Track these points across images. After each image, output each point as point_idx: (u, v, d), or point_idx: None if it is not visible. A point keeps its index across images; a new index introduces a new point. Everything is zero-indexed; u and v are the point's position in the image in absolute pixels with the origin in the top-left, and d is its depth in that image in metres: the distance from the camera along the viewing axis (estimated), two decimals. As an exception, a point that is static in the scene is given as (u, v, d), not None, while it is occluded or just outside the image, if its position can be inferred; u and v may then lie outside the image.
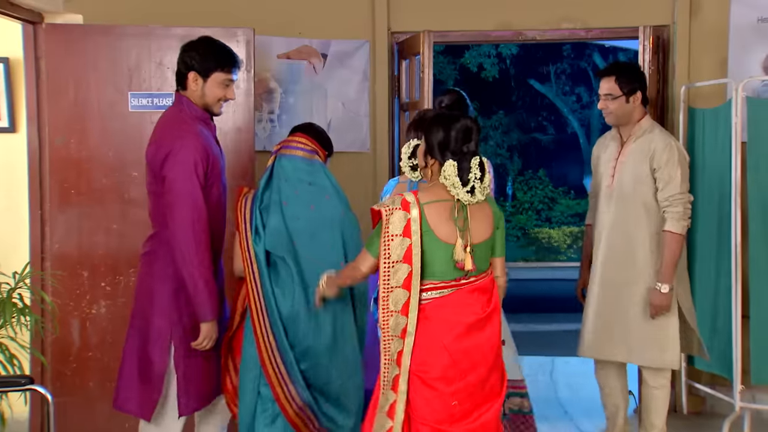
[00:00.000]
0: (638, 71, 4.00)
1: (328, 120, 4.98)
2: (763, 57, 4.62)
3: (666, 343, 3.88)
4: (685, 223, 3.80)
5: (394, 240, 2.69)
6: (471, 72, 14.44)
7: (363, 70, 4.99)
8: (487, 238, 2.80)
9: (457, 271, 2.72)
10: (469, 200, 2.73)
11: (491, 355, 2.75)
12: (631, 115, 3.93)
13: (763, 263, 4.18)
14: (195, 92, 3.29)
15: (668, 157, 3.81)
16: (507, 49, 14.02)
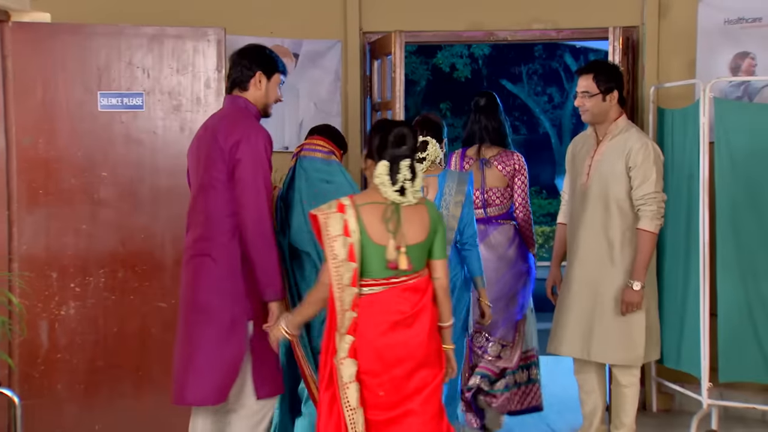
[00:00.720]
0: (616, 71, 4.05)
1: (299, 120, 4.99)
2: (729, 58, 4.69)
3: (633, 341, 3.94)
4: (659, 222, 3.86)
5: (337, 240, 2.82)
6: (443, 72, 14.51)
7: (335, 70, 5.00)
8: (422, 240, 2.91)
9: (388, 270, 2.85)
10: (399, 200, 2.87)
11: (419, 351, 2.88)
12: (607, 113, 3.98)
13: (730, 262, 4.25)
14: (258, 93, 3.40)
15: (644, 156, 3.86)
16: (479, 50, 14.11)
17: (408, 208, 2.89)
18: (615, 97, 3.95)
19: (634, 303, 3.86)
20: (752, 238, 4.22)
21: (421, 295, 2.91)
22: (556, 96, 15.35)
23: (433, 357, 2.94)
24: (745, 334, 4.25)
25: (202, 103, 4.43)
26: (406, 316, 2.88)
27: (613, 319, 3.93)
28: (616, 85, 3.96)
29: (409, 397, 2.89)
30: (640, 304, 3.88)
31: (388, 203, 2.87)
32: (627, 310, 3.88)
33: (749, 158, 4.21)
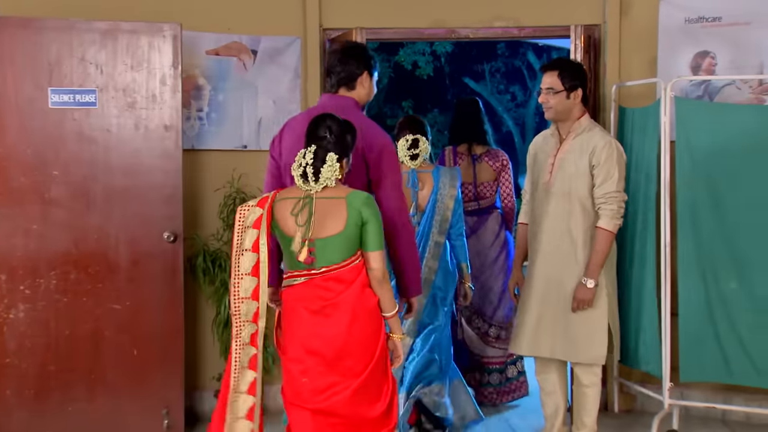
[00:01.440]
0: (581, 69, 4.09)
1: (258, 118, 4.96)
2: (690, 57, 4.75)
3: (595, 339, 3.97)
4: (618, 222, 3.90)
5: (246, 232, 3.01)
6: (405, 70, 14.51)
7: (294, 67, 4.97)
8: (338, 232, 3.00)
9: (300, 263, 3.01)
10: (302, 186, 3.01)
11: (337, 340, 3.00)
12: (570, 111, 4.01)
13: (691, 262, 4.31)
14: (363, 91, 3.45)
15: (608, 154, 3.90)
16: (442, 47, 14.13)
17: (323, 202, 3.00)
18: (579, 95, 3.99)
19: (586, 300, 3.90)
20: (712, 237, 4.28)
21: (345, 286, 3.01)
22: (519, 94, 15.43)
23: (359, 347, 3.02)
24: (706, 334, 4.30)
25: (157, 101, 4.38)
26: (324, 305, 3.00)
27: (575, 318, 3.96)
28: (581, 83, 3.99)
29: (334, 386, 3.01)
30: (592, 302, 3.92)
31: (301, 197, 3.00)
32: (578, 307, 3.92)
33: (709, 157, 4.27)
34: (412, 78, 14.62)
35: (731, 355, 4.28)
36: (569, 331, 3.98)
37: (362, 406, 3.04)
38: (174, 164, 4.41)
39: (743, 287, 4.25)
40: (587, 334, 3.97)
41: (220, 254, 4.77)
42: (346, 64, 3.42)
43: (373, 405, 3.06)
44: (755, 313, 4.24)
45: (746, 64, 4.64)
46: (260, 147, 4.97)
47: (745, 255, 4.25)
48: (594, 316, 3.96)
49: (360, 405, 3.04)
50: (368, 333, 3.05)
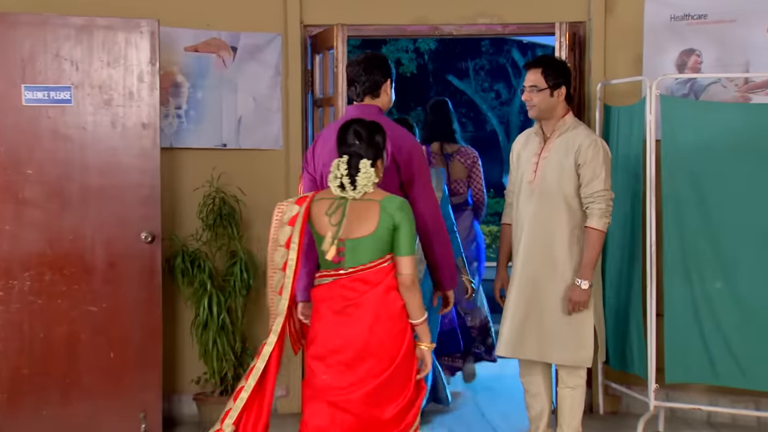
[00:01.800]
0: (565, 66, 4.09)
1: (238, 116, 4.94)
2: (676, 55, 4.77)
3: (581, 341, 3.98)
4: (607, 221, 3.90)
5: (281, 228, 3.16)
6: (388, 67, 14.50)
7: (275, 64, 4.96)
8: (368, 234, 3.09)
9: (334, 262, 3.12)
10: (341, 194, 3.11)
11: (357, 341, 3.08)
12: (554, 109, 4.01)
13: (677, 262, 4.33)
14: (386, 98, 3.63)
15: (594, 153, 3.90)
16: (425, 44, 14.10)
17: (357, 204, 3.10)
18: (563, 93, 3.99)
19: (581, 302, 3.90)
20: (698, 236, 4.30)
21: (370, 287, 3.09)
22: (504, 92, 15.44)
23: (379, 349, 3.09)
24: (691, 335, 4.33)
25: (134, 98, 4.36)
26: (347, 305, 3.10)
27: (561, 320, 3.97)
28: (564, 80, 3.99)
29: (353, 386, 3.08)
30: (587, 304, 3.92)
31: (336, 198, 3.11)
32: (574, 309, 3.92)
33: (695, 156, 4.29)
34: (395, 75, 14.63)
35: (717, 356, 4.30)
36: (554, 334, 3.98)
37: (376, 408, 3.10)
38: (152, 163, 4.39)
39: (728, 287, 4.28)
40: (573, 337, 3.97)
41: (199, 255, 4.75)
42: (371, 74, 3.58)
43: (387, 407, 3.10)
44: (740, 313, 4.27)
45: (732, 62, 4.67)
46: (240, 145, 4.96)
47: (731, 254, 4.27)
48: (580, 317, 3.96)
49: (374, 406, 3.09)
50: (390, 336, 3.11)
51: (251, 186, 4.90)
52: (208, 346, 4.69)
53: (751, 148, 4.22)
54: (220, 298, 4.69)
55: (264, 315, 4.91)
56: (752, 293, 4.24)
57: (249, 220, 4.91)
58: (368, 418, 3.10)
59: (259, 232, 4.92)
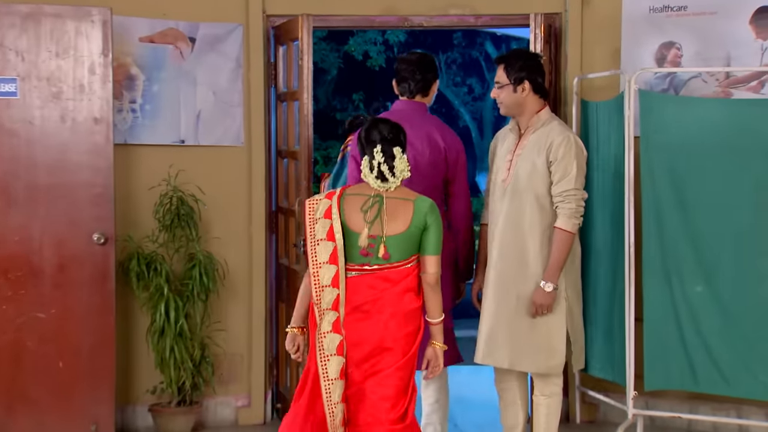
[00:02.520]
0: (529, 60, 4.07)
1: (197, 111, 4.91)
2: (655, 48, 4.80)
3: (552, 348, 3.98)
4: (577, 221, 3.91)
5: (318, 222, 3.33)
6: (356, 60, 14.44)
7: (236, 56, 4.93)
8: (400, 232, 3.32)
9: (362, 257, 3.32)
10: (381, 187, 3.31)
11: (373, 337, 3.30)
12: (522, 105, 4.02)
13: (657, 264, 4.34)
14: (431, 97, 4.21)
15: (565, 150, 3.91)
16: (394, 36, 14.08)
17: (392, 201, 3.33)
18: (527, 88, 3.99)
19: (544, 305, 3.91)
20: (678, 237, 4.32)
21: (391, 285, 3.33)
22: (477, 87, 15.48)
23: (394, 345, 3.32)
24: (671, 340, 4.34)
25: (86, 91, 4.31)
26: (366, 301, 3.32)
27: (533, 325, 3.97)
28: (528, 75, 3.99)
29: (367, 378, 3.31)
30: (551, 307, 3.93)
31: (372, 195, 3.33)
32: (536, 312, 3.93)
33: (674, 153, 4.31)
34: (362, 69, 14.57)
35: (697, 362, 4.32)
36: (526, 340, 3.98)
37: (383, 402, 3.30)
38: (104, 160, 4.36)
39: (709, 290, 4.29)
40: (544, 343, 3.98)
41: (156, 257, 4.71)
42: (426, 73, 4.14)
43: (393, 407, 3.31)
44: (722, 317, 4.29)
45: (713, 55, 4.70)
46: (199, 142, 4.92)
47: (711, 256, 4.29)
48: (550, 322, 3.96)
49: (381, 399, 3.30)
50: (404, 334, 3.34)
51: (211, 185, 4.87)
52: (165, 354, 4.65)
53: (732, 146, 4.25)
54: (177, 303, 4.65)
55: (226, 321, 4.92)
56: (734, 297, 4.27)
57: (209, 221, 4.88)
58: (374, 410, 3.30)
59: (219, 232, 4.89)
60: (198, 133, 4.92)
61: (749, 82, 4.66)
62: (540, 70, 4.08)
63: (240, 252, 4.97)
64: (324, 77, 14.87)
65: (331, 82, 15.11)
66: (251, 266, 4.99)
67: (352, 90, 14.97)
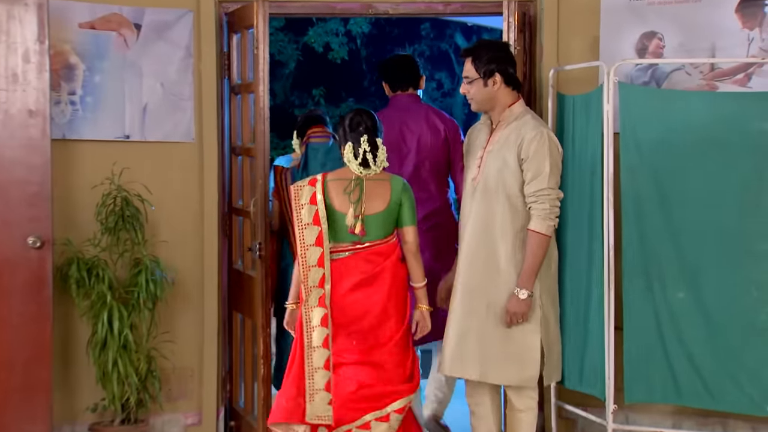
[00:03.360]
0: (498, 50, 4.10)
1: (143, 104, 4.89)
2: (636, 39, 4.83)
3: (525, 358, 4.00)
4: (551, 223, 3.93)
5: (303, 208, 4.01)
6: (316, 52, 14.41)
7: (185, 44, 4.92)
8: (380, 210, 4.04)
9: (351, 236, 4.01)
10: (362, 172, 4.01)
11: (378, 306, 4.03)
12: (493, 100, 4.04)
13: (637, 268, 4.37)
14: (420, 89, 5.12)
15: (537, 147, 3.92)
16: (358, 27, 14.09)
17: (370, 183, 4.03)
18: (498, 81, 4.02)
19: (519, 313, 3.93)
20: (660, 240, 4.35)
21: (384, 258, 4.06)
22: (446, 82, 15.51)
23: (394, 311, 4.06)
24: (653, 350, 4.37)
25: (19, 81, 4.28)
26: (367, 276, 4.03)
27: (504, 334, 3.98)
28: (498, 66, 4.02)
29: (377, 347, 4.03)
30: (526, 315, 3.94)
31: (353, 179, 4.01)
32: (511, 321, 3.95)
33: (656, 150, 4.34)
34: (323, 62, 14.54)
35: (681, 374, 4.35)
36: (497, 350, 4.00)
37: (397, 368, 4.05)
38: (41, 157, 4.32)
39: (692, 296, 4.33)
40: (517, 353, 3.99)
41: (98, 262, 4.67)
42: (414, 69, 5.13)
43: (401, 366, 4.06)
44: (706, 325, 4.32)
45: (697, 46, 4.74)
46: (145, 137, 4.90)
47: (695, 260, 4.33)
48: (524, 331, 3.98)
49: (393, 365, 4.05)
50: (401, 299, 4.10)
51: (159, 184, 4.86)
52: (108, 368, 4.61)
53: (717, 142, 4.29)
54: (121, 313, 4.62)
55: (175, 332, 4.89)
56: (718, 303, 4.30)
57: (156, 223, 4.86)
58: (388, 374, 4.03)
59: (167, 235, 4.86)
60: (144, 128, 4.89)
61: (735, 74, 4.71)
62: (510, 60, 4.10)
63: (190, 257, 4.96)
64: (281, 71, 14.83)
65: (289, 77, 15.06)
66: (203, 272, 4.97)
67: (311, 85, 14.94)
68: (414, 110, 4.97)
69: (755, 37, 4.69)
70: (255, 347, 4.77)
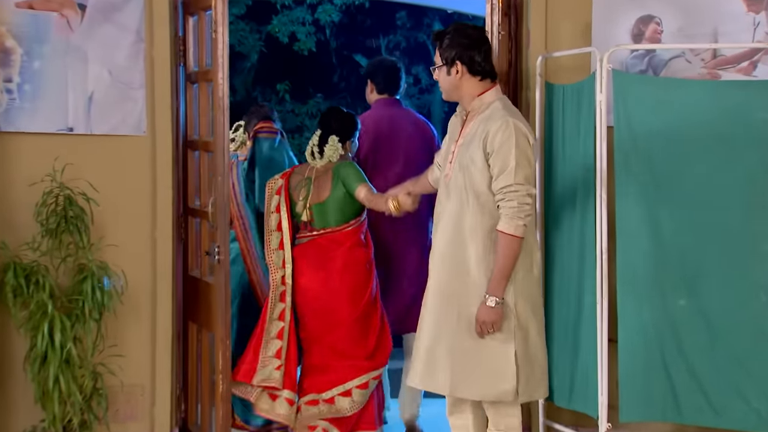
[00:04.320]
0: (464, 36, 4.08)
1: (88, 93, 4.87)
2: (631, 23, 4.86)
3: (501, 372, 3.98)
4: (521, 222, 3.90)
5: (272, 198, 4.99)
6: (280, 43, 14.40)
7: (136, 28, 4.89)
8: (326, 197, 4.89)
9: (305, 224, 4.93)
10: (313, 162, 4.97)
11: (330, 289, 4.84)
12: (460, 89, 4.08)
13: (633, 273, 4.37)
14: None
15: (503, 138, 3.92)
16: (326, 15, 14.08)
17: (319, 174, 4.95)
18: (460, 70, 4.05)
19: (488, 322, 3.92)
20: (658, 242, 4.36)
21: (338, 245, 4.88)
22: (424, 76, 15.50)
23: (348, 293, 4.85)
24: (651, 364, 4.39)
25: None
26: (321, 260, 4.84)
27: (476, 344, 3.98)
28: (460, 53, 4.04)
29: (335, 326, 4.87)
30: (498, 324, 3.93)
31: (307, 170, 4.99)
32: (481, 330, 3.95)
33: (654, 144, 4.36)
34: (289, 54, 14.53)
35: (681, 389, 4.38)
36: (468, 362, 4.00)
37: (352, 344, 4.88)
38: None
39: (694, 303, 4.35)
40: (490, 365, 3.98)
41: (38, 268, 4.63)
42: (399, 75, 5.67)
43: (360, 345, 4.89)
44: (709, 335, 4.35)
45: (698, 31, 4.78)
46: (91, 130, 4.88)
47: (696, 263, 4.36)
48: (498, 341, 3.97)
49: (351, 343, 4.87)
50: (357, 282, 4.87)
51: (106, 181, 4.83)
52: (48, 386, 4.57)
53: (720, 135, 4.31)
54: (64, 324, 4.57)
55: (124, 345, 4.85)
56: (723, 310, 4.33)
57: (103, 224, 4.82)
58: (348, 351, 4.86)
59: (116, 238, 4.82)
60: (90, 120, 4.86)
61: (739, 62, 4.74)
62: (477, 46, 4.08)
63: (142, 262, 4.93)
64: (242, 64, 14.79)
65: (251, 70, 15.04)
66: (155, 279, 4.95)
67: (276, 79, 14.92)
68: (402, 114, 5.62)
69: (761, 21, 4.72)
70: (213, 362, 4.73)
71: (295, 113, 14.68)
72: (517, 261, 3.95)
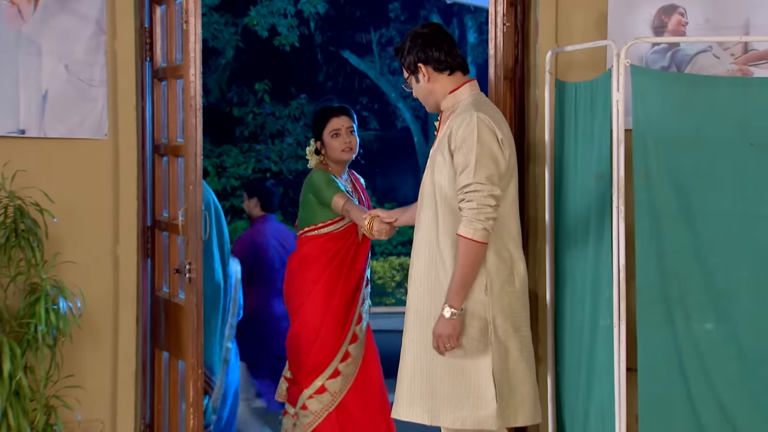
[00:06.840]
0: (414, 38, 4.22)
1: (43, 91, 4.88)
2: (653, 13, 4.87)
3: (478, 396, 4.01)
4: (482, 225, 3.93)
5: None
6: (259, 38, 14.43)
7: (96, 17, 4.91)
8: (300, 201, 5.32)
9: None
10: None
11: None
12: (433, 92, 4.22)
13: (654, 294, 4.36)
14: None
15: (465, 133, 3.98)
16: (311, 6, 14.11)
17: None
18: (426, 71, 4.16)
19: (444, 336, 3.97)
20: (682, 260, 4.36)
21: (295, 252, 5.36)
22: (420, 76, 15.63)
23: (288, 300, 5.39)
24: (675, 395, 4.38)
25: None
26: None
27: (454, 367, 4.03)
28: (419, 54, 4.16)
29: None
30: (455, 339, 3.97)
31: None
32: (437, 345, 4.00)
33: (677, 149, 4.36)
34: (268, 49, 14.56)
35: (708, 423, 4.37)
36: (447, 387, 4.05)
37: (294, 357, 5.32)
38: None
39: (723, 328, 4.35)
40: (466, 389, 4.03)
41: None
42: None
43: (294, 360, 5.30)
44: (741, 365, 4.35)
45: (726, 24, 4.79)
46: (45, 133, 4.89)
47: (725, 284, 4.35)
48: (472, 363, 4.02)
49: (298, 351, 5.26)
50: (290, 297, 5.33)
51: (63, 191, 4.84)
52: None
53: (752, 139, 4.32)
54: (14, 351, 4.56)
55: (82, 375, 4.85)
56: (756, 336, 4.32)
57: (59, 238, 4.84)
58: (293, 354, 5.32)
59: (73, 255, 4.82)
60: (44, 121, 4.88)
61: (773, 57, 4.77)
62: (434, 42, 4.18)
63: (102, 281, 4.94)
64: (216, 61, 14.83)
65: (226, 68, 15.06)
66: (117, 300, 4.96)
67: (254, 78, 14.93)
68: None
69: (798, 11, 4.75)
70: (183, 393, 4.73)
71: (275, 116, 14.71)
72: (477, 268, 4.00)
